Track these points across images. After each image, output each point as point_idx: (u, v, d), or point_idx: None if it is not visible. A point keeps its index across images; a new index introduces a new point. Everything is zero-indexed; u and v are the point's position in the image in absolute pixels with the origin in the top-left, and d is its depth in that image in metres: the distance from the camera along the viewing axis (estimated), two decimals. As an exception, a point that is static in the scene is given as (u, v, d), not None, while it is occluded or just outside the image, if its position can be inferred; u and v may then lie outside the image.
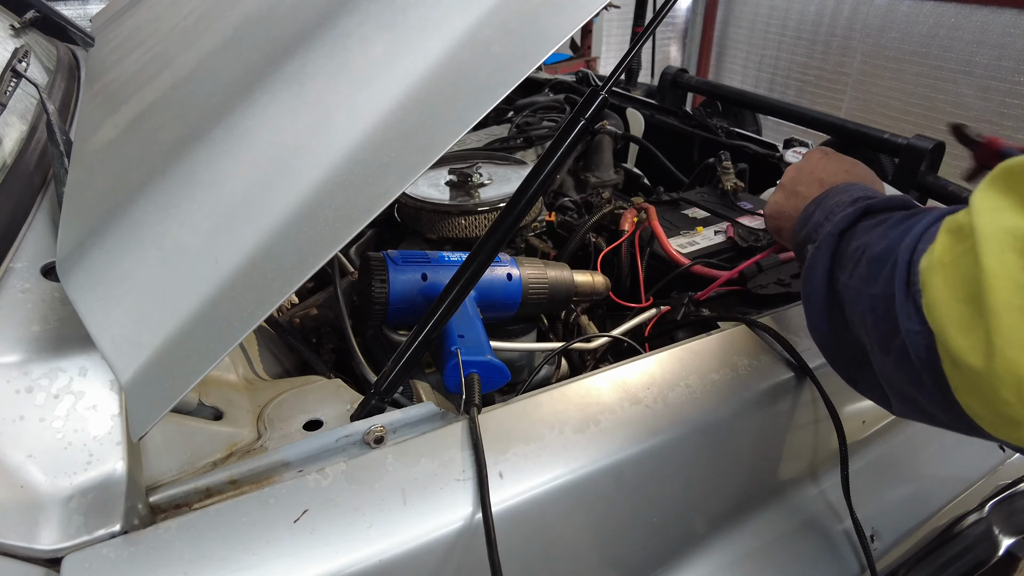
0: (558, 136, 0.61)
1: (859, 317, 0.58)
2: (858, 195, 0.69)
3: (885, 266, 0.53)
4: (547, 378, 0.88)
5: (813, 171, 0.81)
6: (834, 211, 0.69)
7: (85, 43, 1.31)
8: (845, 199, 0.70)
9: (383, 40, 0.55)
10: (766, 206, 0.86)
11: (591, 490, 0.63)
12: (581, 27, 0.52)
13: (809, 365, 0.77)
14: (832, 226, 0.65)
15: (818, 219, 0.71)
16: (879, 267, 0.54)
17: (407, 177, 0.48)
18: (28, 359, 0.55)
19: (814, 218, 0.72)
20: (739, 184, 1.21)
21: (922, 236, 0.51)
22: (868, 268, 0.56)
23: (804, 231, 0.73)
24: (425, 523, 0.55)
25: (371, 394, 0.62)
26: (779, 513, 0.80)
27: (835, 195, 0.73)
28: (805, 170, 0.82)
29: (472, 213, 1.00)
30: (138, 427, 0.48)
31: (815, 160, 0.83)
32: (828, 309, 0.64)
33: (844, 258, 0.62)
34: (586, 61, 4.27)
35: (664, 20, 0.79)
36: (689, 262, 0.97)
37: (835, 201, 0.71)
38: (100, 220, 0.60)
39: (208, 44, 0.77)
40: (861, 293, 0.57)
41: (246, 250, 0.51)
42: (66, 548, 0.48)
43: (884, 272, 0.53)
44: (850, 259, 0.61)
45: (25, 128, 0.83)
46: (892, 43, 3.83)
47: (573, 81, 1.83)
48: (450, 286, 0.61)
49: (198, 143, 0.59)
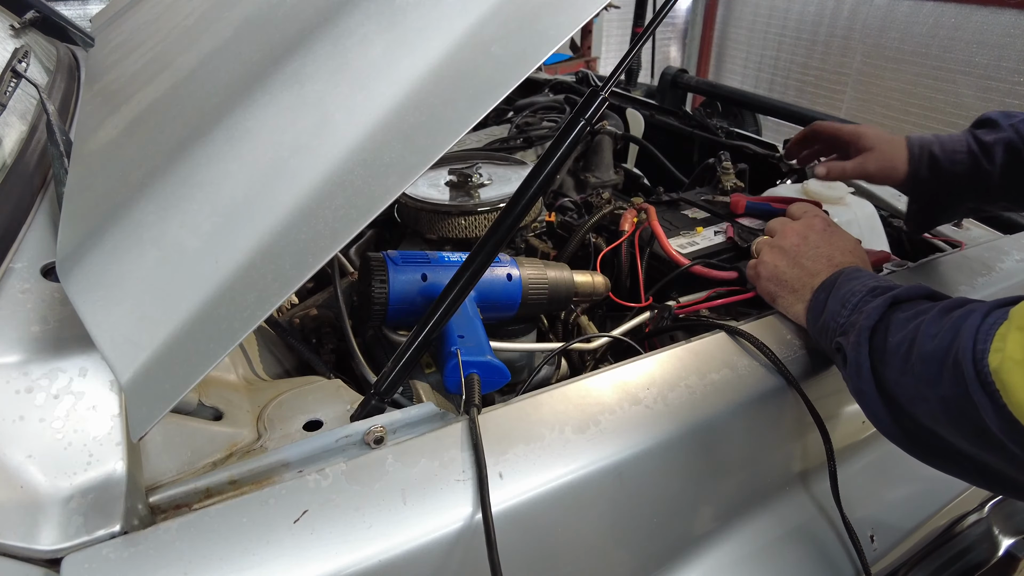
0: (558, 136, 0.61)
1: (928, 415, 0.60)
2: (871, 283, 0.70)
3: (945, 366, 0.55)
4: (547, 378, 0.88)
5: (820, 246, 0.80)
6: (849, 300, 0.70)
7: (85, 43, 1.31)
8: (858, 287, 0.71)
9: (383, 40, 0.55)
10: (760, 265, 0.84)
11: (591, 490, 0.63)
12: (581, 27, 0.52)
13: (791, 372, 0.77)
14: (866, 320, 0.66)
15: (834, 308, 0.71)
16: (937, 367, 0.56)
17: (407, 177, 0.48)
18: (28, 359, 0.55)
19: (829, 307, 0.72)
20: (739, 184, 1.21)
21: (977, 334, 0.53)
22: (925, 368, 0.57)
23: (822, 319, 0.73)
24: (425, 523, 0.55)
25: (371, 394, 0.62)
26: (780, 513, 0.80)
27: (846, 282, 0.73)
28: (811, 242, 0.81)
29: (472, 213, 1.00)
30: (138, 427, 0.48)
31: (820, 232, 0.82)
32: (886, 404, 0.65)
33: (886, 354, 0.63)
34: (586, 61, 4.27)
35: (664, 20, 0.79)
36: (689, 262, 0.97)
37: (848, 290, 0.71)
38: (100, 220, 0.60)
39: (208, 44, 0.77)
40: (924, 393, 0.58)
41: (246, 250, 0.51)
42: (66, 548, 0.48)
43: (946, 373, 0.55)
44: (894, 355, 0.62)
45: (25, 128, 0.83)
46: (892, 43, 3.83)
47: (573, 81, 1.83)
48: (450, 286, 0.61)
49: (198, 143, 0.59)
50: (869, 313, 0.66)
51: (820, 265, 0.78)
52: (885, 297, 0.67)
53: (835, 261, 0.78)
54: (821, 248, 0.80)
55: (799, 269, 0.79)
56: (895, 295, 0.67)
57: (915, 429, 0.64)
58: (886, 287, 0.69)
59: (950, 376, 0.54)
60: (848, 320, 0.70)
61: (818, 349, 0.80)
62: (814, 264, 0.79)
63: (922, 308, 0.64)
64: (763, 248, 0.86)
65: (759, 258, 0.86)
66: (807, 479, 0.82)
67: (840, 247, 0.80)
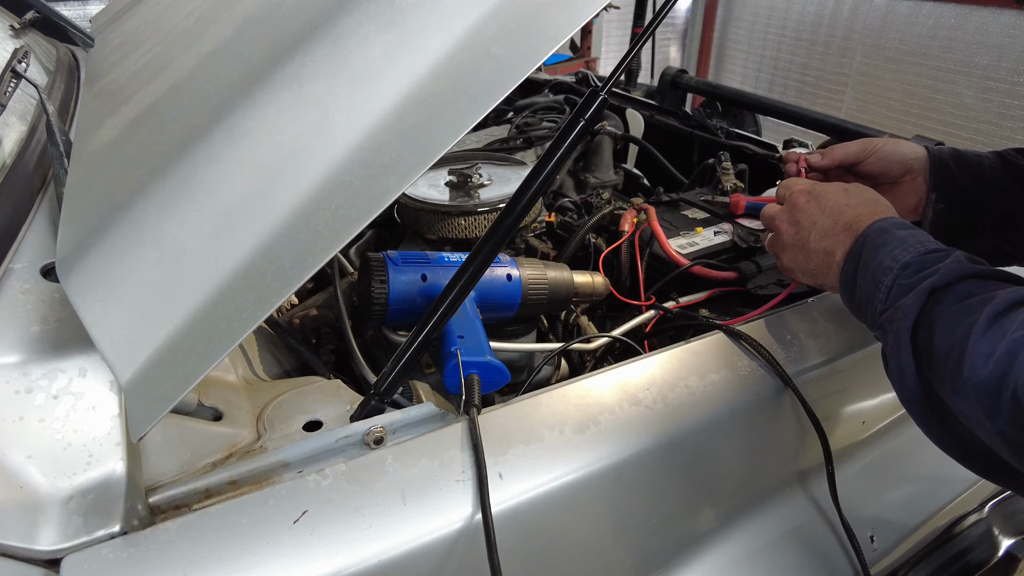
0: (558, 137, 0.61)
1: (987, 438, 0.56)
2: (901, 257, 0.65)
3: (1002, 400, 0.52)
4: (547, 378, 0.88)
5: (816, 221, 0.75)
6: (881, 280, 0.65)
7: (85, 43, 1.31)
8: (888, 262, 0.65)
9: (383, 40, 0.55)
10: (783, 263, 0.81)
11: (591, 490, 0.63)
12: (581, 27, 0.52)
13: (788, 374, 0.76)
14: (903, 321, 0.61)
15: (867, 288, 0.67)
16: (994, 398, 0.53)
17: (407, 178, 0.48)
18: (27, 360, 0.55)
19: (860, 285, 0.68)
20: (739, 185, 1.21)
21: None
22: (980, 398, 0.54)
23: (856, 298, 0.69)
24: (425, 524, 0.55)
25: (371, 395, 0.62)
26: (780, 513, 0.80)
27: (872, 253, 0.68)
28: (804, 223, 0.76)
29: (472, 214, 1.00)
30: (138, 428, 0.48)
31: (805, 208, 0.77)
32: (938, 419, 0.61)
33: (933, 360, 0.59)
34: (586, 61, 4.27)
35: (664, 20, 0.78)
36: (689, 262, 0.97)
37: (877, 265, 0.66)
38: (100, 221, 0.60)
39: (208, 44, 0.77)
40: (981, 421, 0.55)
41: (246, 250, 0.51)
42: (66, 549, 0.48)
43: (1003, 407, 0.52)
44: (942, 365, 0.58)
45: (25, 128, 0.83)
46: (892, 43, 3.83)
47: (573, 82, 1.83)
48: (450, 286, 0.61)
49: (198, 143, 0.59)
50: (906, 312, 0.61)
51: (829, 242, 0.73)
52: (920, 290, 0.61)
53: (840, 226, 0.73)
54: (819, 223, 0.75)
55: (814, 257, 0.75)
56: (933, 283, 0.61)
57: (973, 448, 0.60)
58: (918, 263, 0.63)
59: (1010, 412, 0.52)
60: (884, 313, 0.65)
61: (818, 348, 0.80)
62: (822, 243, 0.74)
63: (968, 304, 0.58)
64: (772, 248, 0.83)
65: (778, 258, 0.82)
66: (807, 479, 0.82)
67: (832, 210, 0.75)
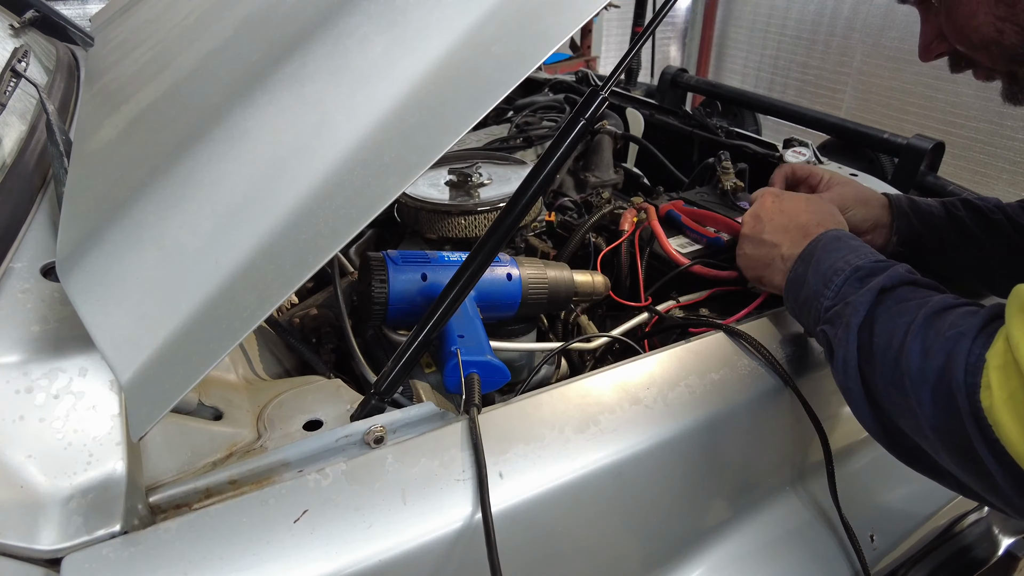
0: (558, 136, 0.61)
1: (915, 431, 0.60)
2: (853, 260, 0.70)
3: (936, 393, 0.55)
4: (547, 378, 0.88)
5: (774, 218, 0.83)
6: (831, 279, 0.70)
7: (85, 43, 1.31)
8: (840, 264, 0.71)
9: (383, 40, 0.55)
10: (738, 258, 0.89)
11: (591, 490, 0.63)
12: (581, 27, 0.52)
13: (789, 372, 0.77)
14: (854, 315, 0.65)
15: (815, 286, 0.72)
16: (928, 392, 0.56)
17: (407, 177, 0.48)
18: (28, 359, 0.55)
19: (810, 282, 0.73)
20: (739, 184, 1.21)
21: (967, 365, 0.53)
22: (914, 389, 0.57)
23: (802, 294, 0.74)
24: (425, 523, 0.55)
25: (371, 394, 0.62)
26: (780, 512, 0.80)
27: (825, 255, 0.73)
28: (764, 219, 0.84)
29: (472, 213, 1.00)
30: (138, 427, 0.48)
31: (770, 208, 0.85)
32: (871, 407, 0.65)
33: (872, 356, 0.63)
34: (586, 61, 4.26)
35: (664, 20, 0.79)
36: (689, 262, 0.97)
37: (829, 266, 0.72)
38: (100, 220, 0.60)
39: (208, 44, 0.77)
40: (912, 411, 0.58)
41: (246, 250, 0.51)
42: (66, 548, 0.48)
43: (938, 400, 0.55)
44: (880, 360, 0.62)
45: (25, 128, 0.83)
46: (892, 43, 3.83)
47: (573, 81, 1.83)
48: (450, 286, 0.61)
49: (198, 143, 0.59)
50: (856, 307, 0.65)
51: (779, 236, 0.81)
52: (871, 288, 0.66)
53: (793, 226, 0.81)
54: (776, 220, 0.83)
55: (762, 247, 0.83)
56: (882, 284, 0.66)
57: (899, 436, 0.64)
58: (869, 267, 0.69)
59: (943, 404, 0.55)
60: (833, 308, 0.69)
61: (818, 347, 0.80)
62: (772, 236, 0.82)
63: (906, 306, 0.63)
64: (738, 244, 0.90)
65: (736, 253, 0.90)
66: (807, 478, 0.82)
67: (790, 211, 0.83)
